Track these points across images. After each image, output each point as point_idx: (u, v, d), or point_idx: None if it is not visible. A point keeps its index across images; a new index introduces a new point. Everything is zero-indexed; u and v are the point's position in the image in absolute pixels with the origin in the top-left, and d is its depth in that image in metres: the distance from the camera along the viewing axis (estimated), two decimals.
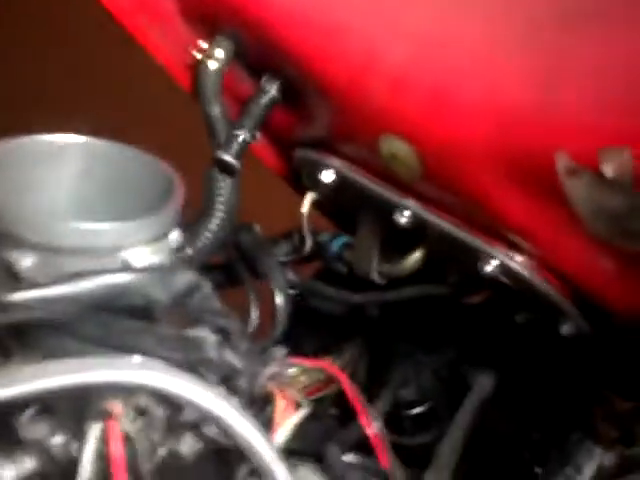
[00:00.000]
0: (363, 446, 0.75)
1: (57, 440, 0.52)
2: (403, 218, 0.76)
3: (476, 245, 0.73)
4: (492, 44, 0.67)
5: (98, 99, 1.40)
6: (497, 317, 0.83)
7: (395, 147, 0.72)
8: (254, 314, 0.79)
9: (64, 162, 0.56)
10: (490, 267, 0.73)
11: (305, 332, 0.89)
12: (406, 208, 0.76)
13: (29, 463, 0.52)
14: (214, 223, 0.78)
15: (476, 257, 0.73)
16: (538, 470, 0.82)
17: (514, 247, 0.72)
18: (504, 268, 0.72)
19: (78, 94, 1.40)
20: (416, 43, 0.70)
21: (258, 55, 0.81)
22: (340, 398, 0.81)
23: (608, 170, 0.60)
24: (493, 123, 0.66)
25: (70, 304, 0.46)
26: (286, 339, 0.80)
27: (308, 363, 0.75)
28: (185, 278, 0.50)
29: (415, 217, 0.76)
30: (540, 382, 0.85)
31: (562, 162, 0.62)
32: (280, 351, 0.71)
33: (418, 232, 0.78)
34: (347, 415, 0.77)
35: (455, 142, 0.68)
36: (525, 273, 0.72)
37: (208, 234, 0.77)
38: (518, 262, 0.72)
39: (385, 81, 0.71)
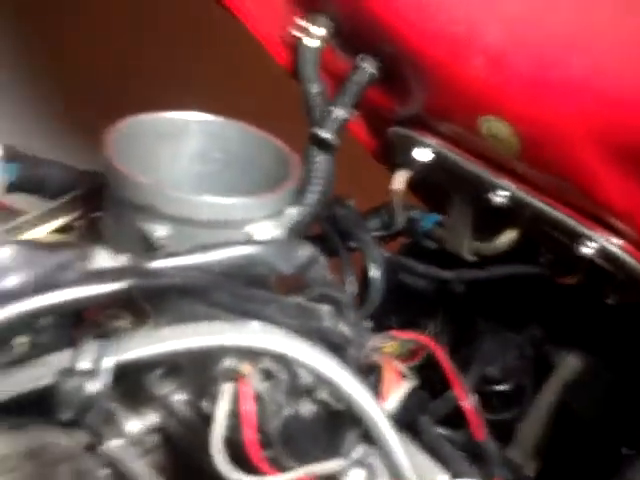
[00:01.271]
0: (448, 419, 0.76)
1: (180, 397, 0.56)
2: (499, 198, 0.77)
3: (573, 227, 0.74)
4: (593, 22, 0.67)
5: (212, 79, 1.47)
6: (586, 298, 0.83)
7: (495, 127, 0.73)
8: (350, 286, 0.81)
9: (186, 139, 0.58)
10: (587, 249, 0.73)
11: (389, 306, 0.91)
12: (502, 188, 0.77)
13: (153, 418, 0.56)
14: (311, 198, 0.80)
15: (572, 238, 0.74)
16: (625, 451, 0.83)
17: (611, 229, 0.73)
18: (601, 250, 0.73)
19: (199, 75, 1.47)
20: (516, 22, 0.70)
21: (356, 33, 0.82)
22: (425, 370, 0.82)
23: None
24: (596, 102, 0.66)
25: (203, 272, 0.49)
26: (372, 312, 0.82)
27: (403, 335, 0.77)
28: (306, 251, 0.53)
29: (511, 197, 0.77)
30: (627, 365, 0.85)
31: None
32: (367, 323, 0.73)
33: (512, 212, 0.78)
34: (433, 387, 0.79)
35: (557, 122, 0.69)
36: (623, 256, 0.72)
37: (305, 208, 0.79)
38: (616, 245, 0.72)
39: (485, 61, 0.71)
